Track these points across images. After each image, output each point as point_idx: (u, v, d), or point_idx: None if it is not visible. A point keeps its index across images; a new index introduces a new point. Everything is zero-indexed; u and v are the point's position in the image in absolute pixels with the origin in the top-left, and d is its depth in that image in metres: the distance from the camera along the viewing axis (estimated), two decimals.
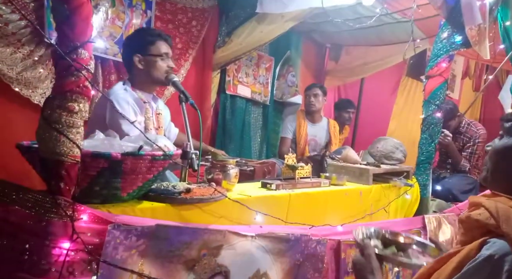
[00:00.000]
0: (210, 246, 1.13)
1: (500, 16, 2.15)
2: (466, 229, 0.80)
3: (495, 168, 0.85)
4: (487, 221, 0.73)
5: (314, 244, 1.38)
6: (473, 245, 0.74)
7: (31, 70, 1.98)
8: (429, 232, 1.83)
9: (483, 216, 0.75)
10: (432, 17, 2.39)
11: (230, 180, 1.44)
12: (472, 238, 0.77)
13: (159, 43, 1.69)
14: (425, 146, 1.99)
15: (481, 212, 0.76)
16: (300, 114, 3.19)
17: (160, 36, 1.72)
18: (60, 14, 0.91)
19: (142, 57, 1.67)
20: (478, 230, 0.76)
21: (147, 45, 1.67)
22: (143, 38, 1.71)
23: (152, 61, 1.67)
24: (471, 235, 0.78)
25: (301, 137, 3.10)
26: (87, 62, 0.94)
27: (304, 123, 3.14)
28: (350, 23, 2.67)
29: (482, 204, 0.77)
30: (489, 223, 0.73)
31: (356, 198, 1.80)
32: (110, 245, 0.96)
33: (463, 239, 0.80)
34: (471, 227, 0.78)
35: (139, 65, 1.67)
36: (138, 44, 1.70)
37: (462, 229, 0.81)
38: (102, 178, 1.04)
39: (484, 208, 0.76)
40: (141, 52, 1.67)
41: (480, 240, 0.74)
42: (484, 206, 0.76)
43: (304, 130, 3.12)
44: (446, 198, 2.42)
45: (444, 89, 2.00)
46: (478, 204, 0.79)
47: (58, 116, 0.92)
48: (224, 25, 2.89)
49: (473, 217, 0.76)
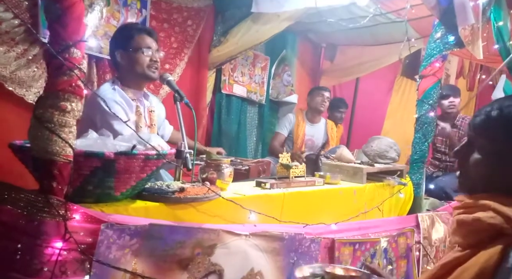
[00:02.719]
0: (204, 245, 1.13)
1: (493, 17, 2.17)
2: (471, 232, 0.75)
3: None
4: (503, 226, 0.69)
5: (308, 243, 1.38)
6: (493, 251, 0.69)
7: (25, 69, 1.97)
8: (422, 230, 1.84)
9: (498, 220, 0.70)
10: (426, 17, 2.40)
11: (225, 179, 1.45)
12: (479, 241, 0.73)
13: (139, 37, 1.66)
14: (419, 145, 2.01)
15: (492, 215, 0.71)
16: (300, 113, 3.20)
17: (141, 30, 1.69)
18: (52, 13, 0.91)
19: (123, 52, 1.65)
20: (487, 233, 0.72)
21: (128, 40, 1.64)
22: (123, 33, 1.69)
23: (133, 56, 1.64)
24: (478, 238, 0.73)
25: (298, 136, 3.11)
26: (80, 61, 0.93)
27: (303, 123, 3.15)
28: (345, 23, 2.69)
29: (490, 207, 0.73)
30: (506, 227, 0.69)
31: (350, 197, 1.81)
32: (103, 244, 0.96)
33: (465, 242, 0.76)
34: (478, 230, 0.73)
35: (121, 61, 1.66)
36: (119, 40, 1.68)
37: (464, 231, 0.76)
38: (95, 177, 1.04)
39: (493, 212, 0.72)
40: (122, 47, 1.65)
41: (501, 247, 0.68)
42: (496, 209, 0.72)
43: (302, 130, 3.13)
44: (439, 196, 2.44)
45: (437, 89, 2.01)
46: (483, 206, 0.74)
47: (50, 115, 0.92)
48: (220, 24, 2.89)
49: (485, 221, 0.71)
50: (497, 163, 0.77)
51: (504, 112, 0.76)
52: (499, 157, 0.77)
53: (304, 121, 3.16)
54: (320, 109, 3.13)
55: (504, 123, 0.76)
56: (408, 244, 1.78)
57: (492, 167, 0.78)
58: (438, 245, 1.92)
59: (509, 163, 0.76)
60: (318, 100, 3.11)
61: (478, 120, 0.81)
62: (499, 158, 0.77)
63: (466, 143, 0.85)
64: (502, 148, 0.76)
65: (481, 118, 0.80)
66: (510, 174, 0.76)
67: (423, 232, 1.85)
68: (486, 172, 0.79)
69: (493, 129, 0.78)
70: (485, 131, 0.79)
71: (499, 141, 0.77)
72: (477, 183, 0.81)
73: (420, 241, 1.83)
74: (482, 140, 0.80)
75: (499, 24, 2.17)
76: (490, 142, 0.78)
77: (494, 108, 0.78)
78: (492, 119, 0.78)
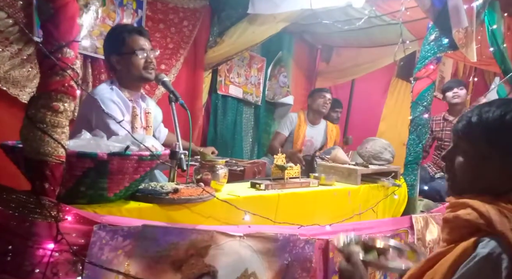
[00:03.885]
0: (197, 246, 1.13)
1: (487, 20, 2.19)
2: (453, 228, 0.81)
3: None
4: (477, 221, 0.75)
5: (302, 244, 1.38)
6: (467, 243, 0.75)
7: (19, 69, 1.96)
8: (416, 232, 1.85)
9: (473, 216, 0.76)
10: (421, 20, 2.42)
11: (219, 180, 1.44)
12: (460, 237, 0.78)
13: (131, 39, 1.63)
14: (413, 146, 2.02)
15: (469, 212, 0.77)
16: (302, 114, 3.21)
17: (132, 31, 1.66)
18: (45, 13, 0.91)
19: (118, 57, 1.64)
20: (466, 229, 0.78)
21: (120, 44, 1.62)
22: (114, 37, 1.66)
23: (127, 59, 1.62)
24: (459, 234, 0.79)
25: (299, 137, 3.12)
26: (73, 61, 0.93)
27: (304, 124, 3.16)
28: (340, 24, 2.70)
29: (469, 204, 0.78)
30: (480, 222, 0.75)
31: (344, 198, 1.82)
32: (96, 245, 0.96)
33: (449, 238, 0.81)
34: (458, 226, 0.79)
35: (117, 65, 1.65)
36: (112, 44, 1.66)
37: (448, 228, 0.83)
38: (88, 178, 1.03)
39: (471, 209, 0.77)
40: (116, 52, 1.64)
41: (474, 239, 0.75)
42: (473, 206, 0.77)
43: (303, 131, 3.14)
44: (433, 198, 2.46)
45: (431, 91, 2.03)
46: (464, 204, 0.80)
47: (42, 115, 0.91)
48: (216, 25, 2.89)
49: (462, 217, 0.78)
50: (480, 166, 0.82)
51: (483, 117, 0.81)
52: (482, 160, 0.81)
53: (306, 122, 3.17)
54: (322, 110, 3.14)
55: (484, 128, 0.81)
56: None
57: (476, 170, 0.83)
58: (432, 246, 1.93)
59: (491, 165, 0.81)
60: (320, 102, 3.11)
61: (460, 126, 0.85)
62: (482, 161, 0.81)
63: (452, 147, 0.89)
64: (483, 151, 0.81)
65: (463, 123, 0.85)
66: (492, 176, 0.81)
67: (417, 233, 1.86)
68: (471, 174, 0.84)
69: (474, 134, 0.82)
70: (466, 136, 0.84)
71: (480, 145, 0.81)
72: (464, 185, 0.85)
73: (414, 242, 1.84)
74: (464, 144, 0.84)
75: (493, 27, 2.19)
76: (472, 146, 0.83)
77: (474, 114, 0.83)
78: (472, 124, 0.82)
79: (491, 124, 0.79)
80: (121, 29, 1.70)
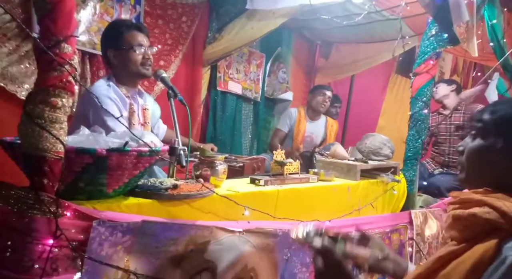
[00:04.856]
0: (197, 241, 1.13)
1: (487, 15, 2.18)
2: (467, 227, 0.76)
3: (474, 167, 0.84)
4: (499, 220, 0.71)
5: None
6: (488, 245, 0.70)
7: (17, 65, 1.95)
8: (415, 227, 1.86)
9: (493, 215, 0.72)
10: (420, 15, 2.41)
11: (218, 176, 1.44)
12: (473, 236, 0.75)
13: (130, 35, 1.62)
14: (412, 142, 2.02)
15: (487, 211, 0.73)
16: (302, 110, 3.20)
17: (130, 26, 1.65)
18: (42, 8, 0.90)
19: (115, 52, 1.62)
20: (482, 228, 0.74)
21: (118, 39, 1.61)
22: (113, 32, 1.65)
23: (125, 55, 1.61)
24: (472, 233, 0.75)
25: (298, 133, 3.12)
26: (70, 56, 0.92)
27: (304, 119, 3.15)
28: (340, 20, 2.68)
29: (486, 202, 0.74)
30: (501, 222, 0.71)
31: (344, 193, 1.82)
32: (95, 241, 0.96)
33: (460, 236, 0.77)
34: (474, 225, 0.75)
35: (114, 60, 1.64)
36: (109, 39, 1.65)
37: (460, 226, 0.78)
38: (87, 174, 1.03)
39: (488, 207, 0.73)
40: (113, 47, 1.62)
41: (496, 241, 0.70)
42: (492, 204, 0.73)
43: (303, 127, 3.13)
44: (432, 194, 2.46)
45: (431, 86, 2.02)
46: (479, 202, 0.76)
47: (40, 111, 0.91)
48: (215, 21, 2.88)
49: (481, 216, 0.73)
50: (496, 159, 0.79)
51: (503, 111, 0.78)
52: (498, 153, 0.78)
53: (305, 118, 3.17)
54: (320, 109, 3.14)
55: (504, 121, 0.78)
56: (401, 240, 1.80)
57: (491, 163, 0.80)
58: (431, 241, 1.94)
59: (507, 159, 0.77)
60: (319, 100, 3.11)
61: (479, 117, 0.82)
62: (498, 155, 0.78)
63: (468, 138, 0.85)
64: (500, 144, 0.78)
65: (483, 115, 0.81)
66: (507, 170, 0.78)
67: (416, 229, 1.87)
68: (485, 167, 0.81)
69: (493, 126, 0.80)
70: (484, 128, 0.81)
71: (497, 137, 0.79)
72: (476, 178, 0.82)
73: (413, 238, 1.85)
74: (482, 135, 0.81)
75: (493, 22, 2.18)
76: (490, 138, 0.80)
77: (504, 107, 0.80)
78: (492, 117, 0.80)
79: (509, 118, 0.78)
80: (120, 24, 1.69)
